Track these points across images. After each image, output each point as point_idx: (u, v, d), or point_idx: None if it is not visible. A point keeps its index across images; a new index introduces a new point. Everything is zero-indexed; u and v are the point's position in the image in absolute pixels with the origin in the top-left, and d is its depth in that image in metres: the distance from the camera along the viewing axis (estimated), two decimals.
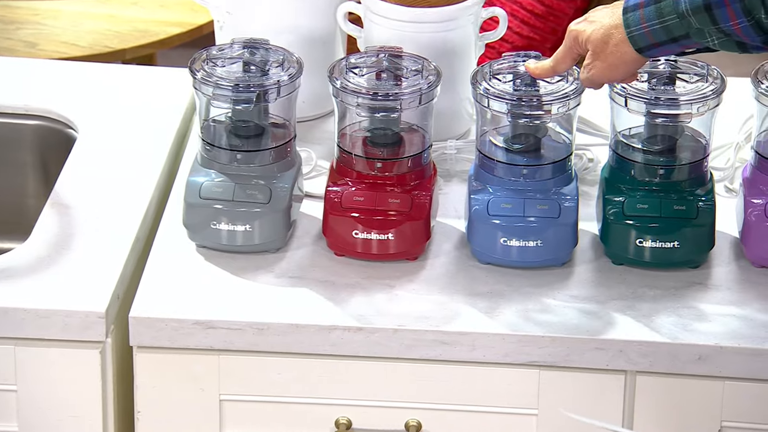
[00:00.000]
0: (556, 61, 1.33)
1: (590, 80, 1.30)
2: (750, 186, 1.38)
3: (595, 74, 1.29)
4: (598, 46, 1.28)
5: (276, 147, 1.40)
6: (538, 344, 1.31)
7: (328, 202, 1.39)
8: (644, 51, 1.26)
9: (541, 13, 2.30)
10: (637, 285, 1.36)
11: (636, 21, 1.24)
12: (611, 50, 1.26)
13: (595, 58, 1.28)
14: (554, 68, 1.34)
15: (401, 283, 1.36)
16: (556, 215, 1.37)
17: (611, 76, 1.29)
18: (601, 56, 1.27)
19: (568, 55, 1.32)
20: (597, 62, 1.28)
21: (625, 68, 1.28)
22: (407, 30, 1.51)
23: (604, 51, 1.27)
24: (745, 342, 1.28)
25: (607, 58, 1.27)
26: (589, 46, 1.29)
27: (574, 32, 1.30)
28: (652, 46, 1.25)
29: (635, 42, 1.25)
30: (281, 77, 1.39)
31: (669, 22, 1.23)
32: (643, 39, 1.25)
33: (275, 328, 1.31)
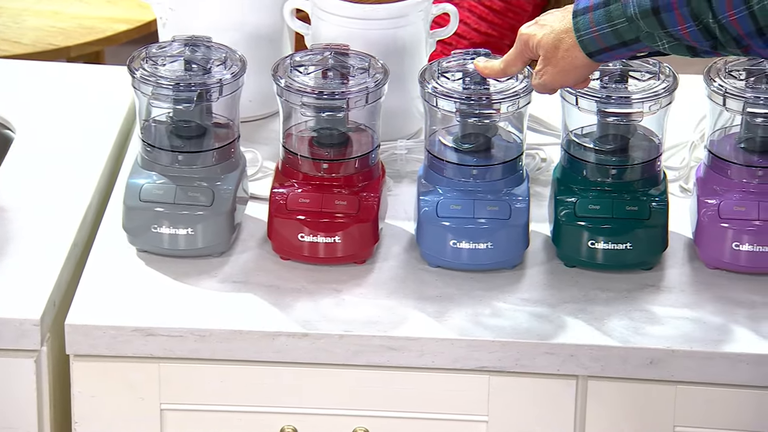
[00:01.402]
0: (507, 63, 1.30)
1: (542, 86, 1.27)
2: (703, 186, 1.35)
3: (547, 80, 1.26)
4: (549, 51, 1.25)
5: (219, 148, 1.37)
6: (488, 349, 1.28)
7: (273, 205, 1.36)
8: (595, 56, 1.23)
9: (499, 9, 2.27)
10: (589, 287, 1.33)
11: (586, 25, 1.22)
12: (562, 55, 1.23)
13: (547, 64, 1.25)
14: (504, 70, 1.31)
15: (348, 288, 1.33)
16: (506, 216, 1.35)
17: (563, 81, 1.26)
18: (552, 61, 1.24)
19: (519, 59, 1.29)
20: (548, 68, 1.25)
21: (577, 73, 1.25)
22: (356, 27, 1.48)
23: (555, 56, 1.24)
24: (697, 345, 1.26)
25: (558, 63, 1.24)
26: (539, 51, 1.26)
27: (525, 36, 1.27)
28: (602, 50, 1.22)
29: (585, 46, 1.22)
30: (224, 76, 1.35)
31: (619, 26, 1.20)
32: (593, 43, 1.22)
33: (217, 335, 1.28)
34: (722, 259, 1.33)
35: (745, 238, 1.32)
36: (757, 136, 1.34)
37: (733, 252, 1.32)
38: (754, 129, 1.34)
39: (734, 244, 1.32)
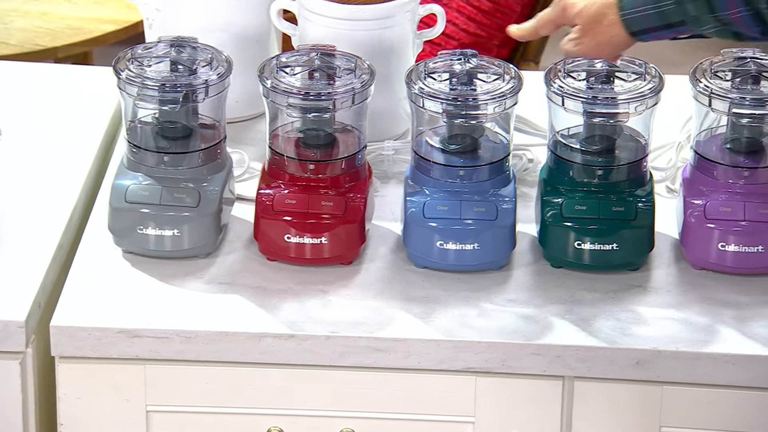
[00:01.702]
0: (539, 24, 1.31)
1: (575, 54, 1.29)
2: (689, 186, 1.35)
3: (581, 50, 1.27)
4: (588, 23, 1.25)
5: (205, 149, 1.36)
6: (475, 350, 1.28)
7: (259, 206, 1.36)
8: (637, 35, 1.24)
9: (488, 9, 2.27)
10: (575, 288, 1.33)
11: (631, 4, 1.22)
12: (602, 29, 1.24)
13: (584, 35, 1.26)
14: (537, 29, 1.32)
15: (335, 289, 1.33)
16: (493, 217, 1.34)
17: (598, 54, 1.27)
18: (590, 34, 1.25)
19: (552, 23, 1.30)
20: (586, 39, 1.26)
21: (613, 48, 1.26)
22: (342, 28, 1.48)
23: (594, 29, 1.25)
24: (683, 346, 1.26)
25: (596, 37, 1.25)
26: (578, 20, 1.26)
27: (563, 3, 1.28)
28: (646, 30, 1.23)
29: (628, 25, 1.23)
30: (210, 76, 1.35)
31: (665, 8, 1.21)
32: (637, 23, 1.22)
33: (203, 336, 1.28)
34: (708, 260, 1.33)
35: (731, 238, 1.32)
36: (743, 137, 1.34)
37: (720, 252, 1.32)
38: (739, 129, 1.34)
39: (720, 244, 1.32)
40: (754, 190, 1.33)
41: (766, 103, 1.31)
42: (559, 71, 1.35)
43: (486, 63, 1.37)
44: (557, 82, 1.34)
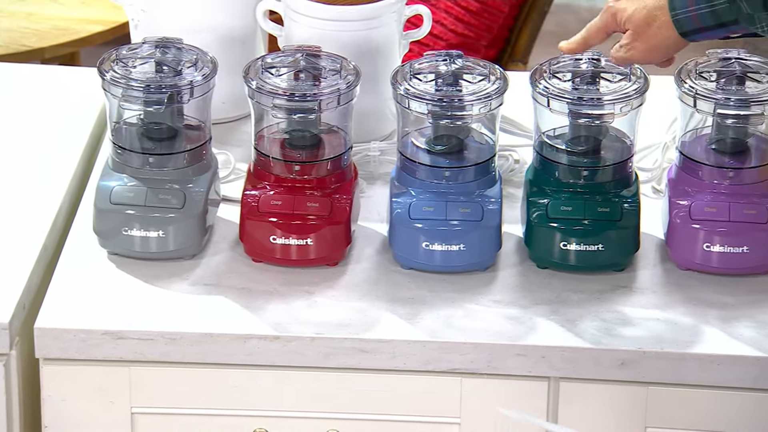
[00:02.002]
0: (589, 33, 1.31)
1: (627, 60, 1.28)
2: (675, 187, 1.35)
3: (634, 55, 1.27)
4: (639, 27, 1.25)
5: (190, 150, 1.36)
6: (460, 351, 1.27)
7: (244, 207, 1.35)
8: (688, 35, 1.23)
9: (476, 10, 2.27)
10: (561, 289, 1.33)
11: (683, 4, 1.22)
12: (654, 32, 1.24)
13: (635, 39, 1.26)
14: (586, 41, 1.31)
15: (320, 290, 1.33)
16: (479, 218, 1.34)
17: (650, 58, 1.26)
18: (642, 38, 1.25)
19: (602, 31, 1.29)
20: (637, 43, 1.26)
21: (666, 51, 1.25)
22: (328, 28, 1.48)
23: (646, 33, 1.24)
24: (668, 347, 1.26)
25: (648, 41, 1.25)
26: (629, 25, 1.26)
27: (613, 9, 1.28)
28: (697, 30, 1.22)
29: (680, 26, 1.23)
30: (195, 77, 1.34)
31: (718, 7, 1.20)
32: (688, 23, 1.22)
33: (188, 338, 1.27)
34: (694, 260, 1.33)
35: (716, 239, 1.32)
36: (728, 138, 1.35)
37: (705, 253, 1.32)
38: (724, 130, 1.34)
39: (705, 245, 1.32)
40: (739, 191, 1.33)
41: (750, 103, 1.32)
42: (544, 72, 1.35)
43: (471, 64, 1.37)
44: (543, 83, 1.34)
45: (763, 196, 1.33)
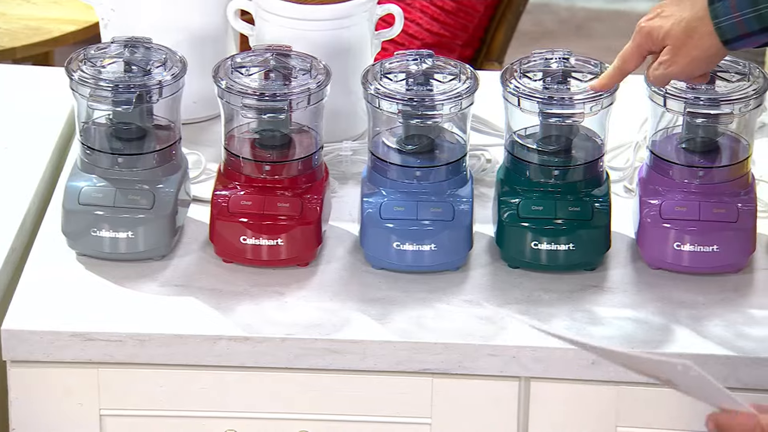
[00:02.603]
0: (624, 60, 1.27)
1: (668, 76, 1.25)
2: (645, 186, 1.35)
3: (675, 70, 1.23)
4: (679, 40, 1.22)
5: (160, 150, 1.36)
6: (431, 351, 1.27)
7: (214, 207, 1.35)
8: (731, 42, 1.21)
9: (451, 9, 2.27)
10: (532, 288, 1.33)
11: (726, 11, 1.20)
12: (695, 44, 1.21)
13: (676, 53, 1.23)
14: (622, 69, 1.27)
15: (291, 291, 1.32)
16: (450, 218, 1.34)
17: (693, 70, 1.23)
18: (683, 51, 1.22)
19: (637, 53, 1.26)
20: (678, 57, 1.23)
21: (708, 63, 1.23)
22: (300, 28, 1.47)
23: (687, 45, 1.22)
24: (639, 346, 1.26)
25: (690, 53, 1.22)
26: (668, 41, 1.23)
27: (647, 28, 1.24)
28: (740, 36, 1.21)
29: (723, 33, 1.21)
30: (164, 77, 1.34)
31: (763, 11, 1.19)
32: (732, 30, 1.20)
33: (157, 339, 1.27)
34: (664, 260, 1.33)
35: (686, 238, 1.32)
36: (698, 137, 1.35)
37: (675, 252, 1.32)
38: (694, 129, 1.35)
39: (676, 244, 1.32)
40: (709, 190, 1.33)
41: (720, 103, 1.32)
42: (515, 71, 1.35)
43: (442, 63, 1.37)
44: (513, 83, 1.34)
45: (733, 195, 1.33)
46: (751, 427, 1.03)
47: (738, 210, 1.32)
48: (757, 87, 1.32)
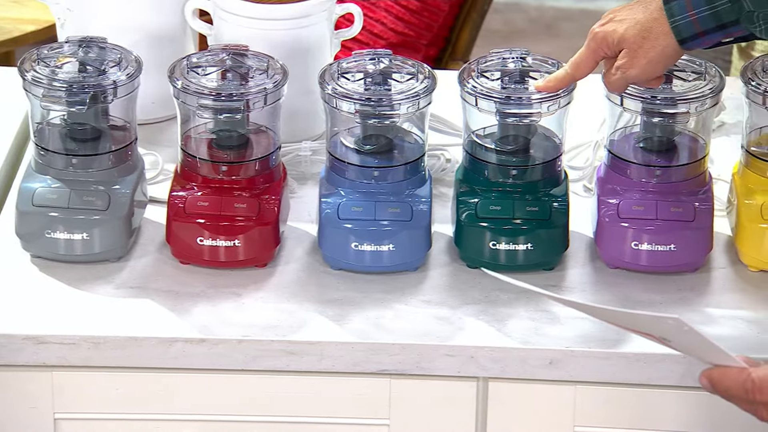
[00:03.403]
0: (576, 66, 1.26)
1: (625, 80, 1.24)
2: (603, 186, 1.35)
3: (633, 73, 1.23)
4: (635, 43, 1.22)
5: (115, 150, 1.34)
6: (389, 352, 1.27)
7: (171, 208, 1.34)
8: (687, 41, 1.21)
9: (416, 9, 2.27)
10: (490, 288, 1.33)
11: (681, 10, 1.20)
12: (651, 45, 1.21)
13: (633, 56, 1.22)
14: (573, 75, 1.27)
15: (248, 292, 1.31)
16: (408, 218, 1.34)
17: (651, 73, 1.23)
18: (640, 53, 1.22)
19: (591, 59, 1.25)
20: (635, 60, 1.22)
21: (665, 63, 1.22)
22: (258, 27, 1.47)
23: (643, 47, 1.21)
24: (596, 346, 1.26)
25: (647, 54, 1.22)
26: (624, 45, 1.22)
27: (602, 33, 1.24)
28: (697, 35, 1.20)
29: (679, 32, 1.20)
30: (118, 77, 1.33)
31: (719, 8, 1.18)
32: (688, 28, 1.20)
33: (112, 342, 1.26)
34: (623, 259, 1.33)
35: (644, 237, 1.32)
36: (655, 136, 1.35)
37: (633, 251, 1.32)
38: (652, 129, 1.34)
39: (634, 243, 1.32)
40: (666, 189, 1.33)
41: (677, 102, 1.32)
42: (472, 71, 1.35)
43: (400, 63, 1.36)
44: (471, 82, 1.34)
45: (690, 194, 1.33)
46: (742, 381, 1.03)
47: (695, 209, 1.32)
48: (713, 86, 1.32)
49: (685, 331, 1.06)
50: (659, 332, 1.10)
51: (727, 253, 1.36)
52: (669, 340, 1.10)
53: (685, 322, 1.04)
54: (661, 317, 1.06)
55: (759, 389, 1.02)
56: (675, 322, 1.05)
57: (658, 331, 1.09)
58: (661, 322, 1.07)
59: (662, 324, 1.07)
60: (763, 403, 1.03)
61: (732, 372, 1.05)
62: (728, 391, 1.05)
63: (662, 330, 1.09)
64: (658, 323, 1.07)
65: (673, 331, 1.07)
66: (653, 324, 1.08)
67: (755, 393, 1.02)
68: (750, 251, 1.32)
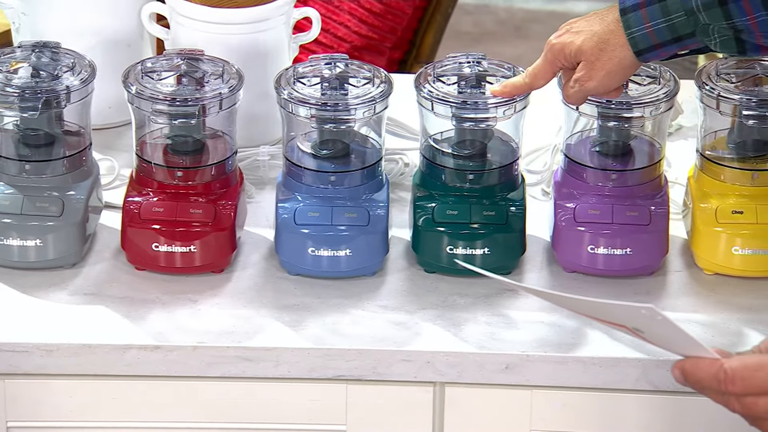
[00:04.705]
0: (534, 76, 1.26)
1: (584, 92, 1.24)
2: (559, 190, 1.35)
3: (591, 85, 1.23)
4: (593, 55, 1.22)
5: (69, 156, 1.33)
6: (345, 358, 1.26)
7: (126, 214, 1.33)
8: (643, 53, 1.21)
9: (379, 11, 2.26)
10: (448, 293, 1.32)
11: (638, 21, 1.20)
12: (608, 56, 1.21)
13: (591, 68, 1.22)
14: (530, 85, 1.27)
15: (204, 298, 1.31)
16: (365, 223, 1.33)
17: (608, 84, 1.23)
18: (597, 65, 1.22)
19: (549, 70, 1.25)
20: (593, 72, 1.22)
21: (622, 75, 1.22)
22: (215, 32, 1.46)
23: (601, 58, 1.21)
24: (552, 350, 1.26)
25: (604, 66, 1.21)
26: (582, 57, 1.23)
27: (559, 45, 1.24)
28: (653, 47, 1.20)
29: (636, 44, 1.20)
30: (72, 82, 1.32)
31: (676, 20, 1.18)
32: (644, 40, 1.20)
33: (65, 349, 1.24)
34: (579, 263, 1.33)
35: (600, 241, 1.32)
36: (611, 140, 1.35)
37: (590, 255, 1.32)
38: (608, 133, 1.35)
39: (590, 247, 1.32)
40: (622, 193, 1.33)
41: (633, 106, 1.32)
42: (429, 75, 1.35)
43: (356, 67, 1.36)
44: (427, 87, 1.33)
45: (646, 198, 1.33)
46: (714, 372, 1.03)
47: (651, 213, 1.32)
48: (667, 90, 1.33)
49: (658, 321, 1.05)
50: (632, 323, 1.09)
51: (683, 256, 1.37)
52: (641, 331, 1.09)
53: (659, 311, 1.03)
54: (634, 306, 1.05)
55: (731, 380, 1.02)
56: (648, 312, 1.04)
57: (631, 321, 1.08)
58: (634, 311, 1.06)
59: (635, 314, 1.06)
60: (734, 395, 1.02)
61: (704, 363, 1.04)
62: (700, 382, 1.04)
63: (635, 320, 1.08)
64: (631, 313, 1.06)
65: (646, 321, 1.06)
66: (626, 314, 1.07)
67: (727, 384, 1.02)
68: (705, 254, 1.33)
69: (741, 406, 1.02)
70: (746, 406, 1.02)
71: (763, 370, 1.00)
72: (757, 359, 1.01)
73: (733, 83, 1.32)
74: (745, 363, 1.01)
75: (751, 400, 1.01)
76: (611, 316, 1.10)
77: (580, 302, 1.10)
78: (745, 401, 1.01)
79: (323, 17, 2.28)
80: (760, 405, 1.01)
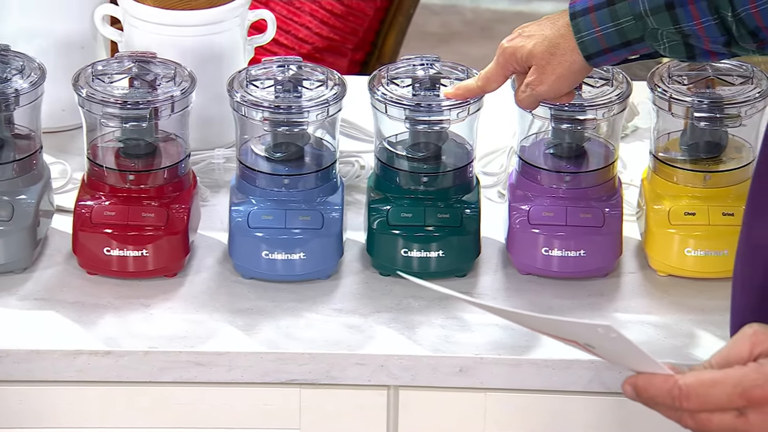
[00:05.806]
0: (486, 80, 1.26)
1: (536, 97, 1.23)
2: (514, 192, 1.35)
3: (542, 90, 1.23)
4: (543, 59, 1.21)
5: (19, 159, 1.32)
6: (298, 362, 1.25)
7: (77, 218, 1.32)
8: (593, 57, 1.21)
9: (340, 13, 2.25)
10: (402, 296, 1.32)
11: (587, 25, 1.20)
12: (558, 61, 1.21)
13: (541, 72, 1.22)
14: (483, 89, 1.27)
15: (157, 302, 1.30)
16: (319, 226, 1.33)
17: (560, 88, 1.22)
18: (548, 69, 1.21)
19: (500, 74, 1.25)
20: (544, 76, 1.22)
21: (573, 78, 1.22)
22: (168, 34, 1.45)
23: (551, 63, 1.21)
24: (505, 353, 1.25)
25: (555, 70, 1.21)
26: (533, 61, 1.22)
27: (511, 49, 1.23)
28: (603, 51, 1.20)
29: (585, 48, 1.20)
30: (21, 85, 1.30)
31: (624, 25, 1.18)
32: (594, 44, 1.20)
33: (14, 355, 1.23)
34: (534, 265, 1.33)
35: (554, 243, 1.32)
36: (565, 142, 1.35)
37: (544, 257, 1.32)
38: (561, 135, 1.35)
39: (544, 249, 1.32)
40: (576, 195, 1.33)
41: (585, 108, 1.32)
42: (382, 78, 1.34)
43: (310, 70, 1.35)
44: (380, 89, 1.33)
45: (599, 200, 1.34)
46: (668, 389, 1.03)
47: (604, 215, 1.32)
48: (620, 92, 1.33)
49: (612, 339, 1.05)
50: (584, 339, 1.09)
51: (637, 257, 1.37)
52: (592, 346, 1.09)
53: (615, 330, 1.03)
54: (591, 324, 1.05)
55: (686, 396, 1.02)
56: (604, 330, 1.04)
57: (584, 338, 1.08)
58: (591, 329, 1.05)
59: (590, 331, 1.06)
60: (688, 411, 1.02)
61: (658, 379, 1.04)
62: (653, 398, 1.04)
63: (588, 337, 1.08)
64: (586, 330, 1.06)
65: (600, 338, 1.06)
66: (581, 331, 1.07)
67: (682, 400, 1.02)
68: (658, 256, 1.33)
69: (695, 423, 1.02)
70: (700, 422, 1.01)
71: (717, 387, 1.00)
72: (711, 375, 1.01)
73: (685, 85, 1.32)
74: (700, 379, 1.01)
75: (705, 417, 1.01)
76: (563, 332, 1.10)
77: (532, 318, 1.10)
78: (699, 417, 1.01)
79: (284, 19, 2.28)
80: (714, 421, 1.01)
